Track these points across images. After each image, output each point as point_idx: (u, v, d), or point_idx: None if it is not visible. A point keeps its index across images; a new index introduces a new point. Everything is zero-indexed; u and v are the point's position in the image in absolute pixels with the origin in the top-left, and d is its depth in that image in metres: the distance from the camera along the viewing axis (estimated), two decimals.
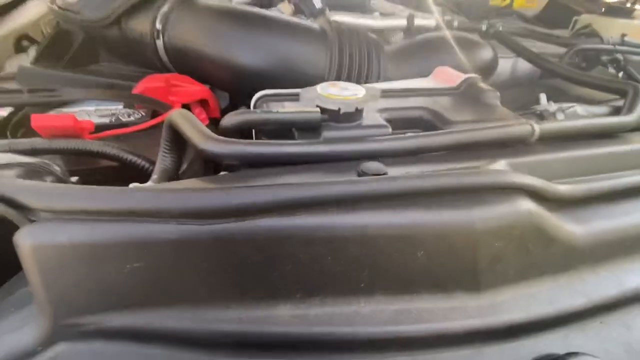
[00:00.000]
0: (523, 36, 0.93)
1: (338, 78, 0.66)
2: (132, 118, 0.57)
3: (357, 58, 0.68)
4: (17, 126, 0.53)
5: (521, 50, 0.82)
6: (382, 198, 0.26)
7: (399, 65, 0.73)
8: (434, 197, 0.27)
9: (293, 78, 0.66)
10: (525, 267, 0.30)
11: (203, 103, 0.66)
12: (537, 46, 0.96)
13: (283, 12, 0.88)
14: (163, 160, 0.42)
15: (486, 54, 0.82)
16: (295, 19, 0.70)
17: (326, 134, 0.41)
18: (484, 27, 0.91)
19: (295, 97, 0.50)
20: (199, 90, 0.64)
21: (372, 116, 0.44)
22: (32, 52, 0.81)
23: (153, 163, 0.46)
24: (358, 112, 0.42)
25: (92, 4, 0.75)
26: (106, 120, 0.56)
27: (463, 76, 0.57)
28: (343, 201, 0.26)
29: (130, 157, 0.44)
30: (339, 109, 0.40)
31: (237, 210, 0.24)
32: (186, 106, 0.64)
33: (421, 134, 0.39)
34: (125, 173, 0.46)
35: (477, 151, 0.40)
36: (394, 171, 0.33)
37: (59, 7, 0.76)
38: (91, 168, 0.47)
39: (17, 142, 0.43)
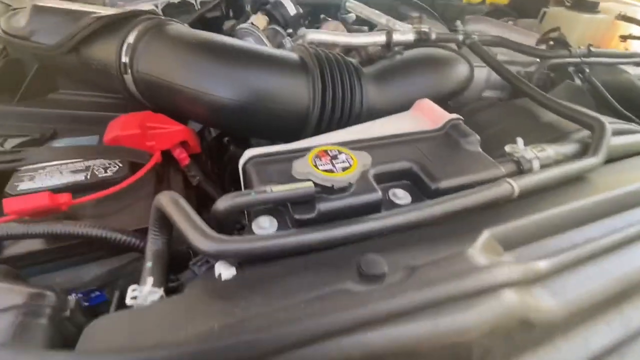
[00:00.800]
0: (498, 45, 0.95)
1: (322, 110, 0.65)
2: (108, 173, 0.54)
3: (339, 86, 0.67)
4: None
5: (495, 66, 0.83)
6: (386, 317, 0.28)
7: (379, 88, 0.73)
8: (432, 308, 0.29)
9: (274, 113, 0.64)
10: (509, 350, 0.33)
11: (183, 142, 0.64)
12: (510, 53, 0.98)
13: (257, 25, 0.83)
14: (154, 242, 0.41)
15: (463, 70, 0.83)
16: (273, 50, 0.67)
17: (320, 206, 0.41)
18: (460, 38, 0.91)
19: (285, 156, 0.49)
20: (178, 132, 0.61)
21: (362, 178, 0.45)
22: None
23: (143, 236, 0.44)
24: (350, 184, 0.42)
25: (43, 29, 0.68)
26: (81, 176, 0.53)
27: (445, 116, 0.58)
28: (352, 327, 0.27)
29: (118, 236, 0.42)
30: (332, 185, 0.40)
31: (257, 357, 0.25)
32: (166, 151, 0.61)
33: (408, 209, 0.41)
34: (110, 245, 0.44)
35: (462, 216, 0.42)
36: (390, 257, 0.35)
37: (5, 33, 0.68)
38: (73, 244, 0.45)
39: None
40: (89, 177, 0.53)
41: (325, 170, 0.40)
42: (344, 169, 0.41)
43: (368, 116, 0.70)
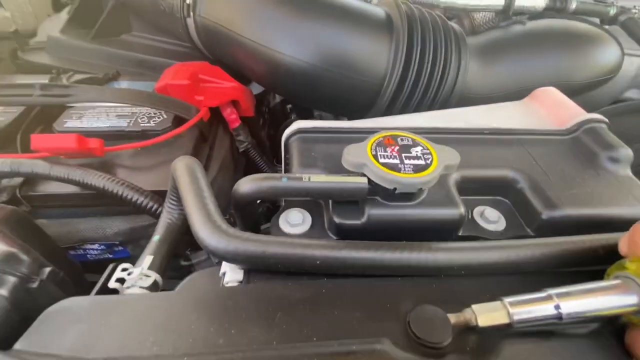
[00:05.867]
0: None
1: (402, 82, 0.51)
2: (151, 123, 0.49)
3: (430, 56, 0.52)
4: (28, 131, 0.48)
5: None
6: None
7: (486, 66, 0.56)
8: None
9: (340, 80, 0.53)
10: None
11: (235, 102, 0.56)
12: None
13: None
14: (169, 212, 0.34)
15: (610, 56, 0.60)
16: (356, 2, 0.54)
17: (371, 211, 0.30)
18: (611, 12, 0.66)
19: (339, 136, 0.38)
20: (229, 89, 0.54)
21: (439, 183, 0.32)
22: (65, 14, 0.75)
23: (162, 201, 0.39)
24: (420, 190, 0.30)
25: None
26: (123, 122, 0.49)
27: (579, 114, 0.41)
28: None
29: (136, 196, 0.37)
30: (394, 189, 0.28)
31: None
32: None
33: (511, 243, 0.27)
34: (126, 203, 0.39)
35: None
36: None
37: None
38: (100, 193, 0.41)
39: (19, 162, 0.38)
40: (131, 124, 0.49)
41: (387, 166, 0.28)
42: (417, 169, 0.28)
43: (460, 102, 0.54)
